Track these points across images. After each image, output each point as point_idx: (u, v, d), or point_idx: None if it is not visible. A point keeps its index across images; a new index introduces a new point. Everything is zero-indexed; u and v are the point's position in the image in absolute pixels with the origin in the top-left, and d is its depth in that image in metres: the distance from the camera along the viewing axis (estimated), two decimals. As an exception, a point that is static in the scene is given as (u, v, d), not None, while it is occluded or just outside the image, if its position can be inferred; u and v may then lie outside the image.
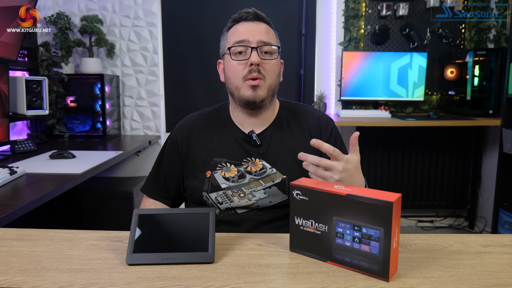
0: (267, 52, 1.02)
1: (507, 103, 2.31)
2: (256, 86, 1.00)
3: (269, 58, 1.02)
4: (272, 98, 1.06)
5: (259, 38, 1.00)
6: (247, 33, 1.01)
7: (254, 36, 1.00)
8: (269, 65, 1.01)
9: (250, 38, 1.00)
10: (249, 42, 1.00)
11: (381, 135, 2.94)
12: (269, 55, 1.02)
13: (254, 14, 1.04)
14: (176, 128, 1.16)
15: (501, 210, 2.39)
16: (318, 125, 1.10)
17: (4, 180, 1.38)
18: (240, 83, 1.02)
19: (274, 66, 1.03)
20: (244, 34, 1.01)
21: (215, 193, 1.04)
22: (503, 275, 0.67)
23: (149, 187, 1.16)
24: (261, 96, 1.01)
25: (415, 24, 2.83)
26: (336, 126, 1.13)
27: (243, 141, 1.07)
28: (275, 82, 1.04)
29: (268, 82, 1.02)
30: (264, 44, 1.01)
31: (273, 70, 1.03)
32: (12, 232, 0.85)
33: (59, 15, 2.54)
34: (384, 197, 0.64)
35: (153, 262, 0.70)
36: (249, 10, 1.05)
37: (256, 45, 1.00)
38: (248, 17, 1.04)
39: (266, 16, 1.06)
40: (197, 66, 2.82)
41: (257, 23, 1.03)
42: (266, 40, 1.01)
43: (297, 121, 1.11)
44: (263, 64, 1.00)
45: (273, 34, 1.06)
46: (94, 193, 2.40)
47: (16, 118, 2.18)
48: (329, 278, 0.66)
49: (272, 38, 1.04)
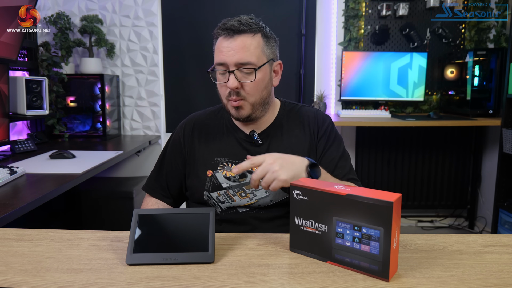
0: (247, 72, 0.97)
1: (507, 103, 2.31)
2: (238, 106, 1.00)
3: (247, 81, 0.98)
4: (263, 108, 1.05)
5: (236, 60, 0.95)
6: (225, 54, 0.96)
7: (231, 57, 0.95)
8: (248, 86, 0.98)
9: (227, 60, 0.96)
10: (227, 65, 0.97)
11: (381, 135, 2.94)
12: (249, 76, 0.98)
13: (230, 30, 0.96)
14: (179, 127, 1.16)
15: (501, 210, 2.39)
16: (316, 123, 1.11)
17: (4, 180, 1.38)
18: (225, 102, 1.03)
19: (255, 85, 0.99)
20: (223, 54, 0.97)
21: (216, 193, 1.04)
22: (503, 275, 0.67)
23: (151, 185, 1.16)
24: (244, 114, 1.01)
25: (415, 24, 2.83)
26: (333, 124, 1.14)
27: (244, 141, 1.08)
28: (260, 97, 1.01)
29: (251, 101, 1.00)
30: (242, 66, 0.96)
31: (255, 88, 0.99)
32: (12, 232, 0.85)
33: (59, 15, 2.54)
34: (384, 197, 0.64)
35: (153, 262, 0.70)
36: (226, 25, 0.97)
37: (233, 68, 0.96)
38: (225, 34, 0.97)
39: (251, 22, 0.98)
40: (197, 66, 2.82)
41: (237, 39, 0.96)
42: (244, 61, 0.96)
43: (297, 120, 1.11)
44: (243, 86, 0.98)
45: (257, 46, 0.97)
46: (94, 193, 2.40)
47: (16, 118, 2.18)
48: (329, 278, 0.66)
49: (253, 54, 0.97)
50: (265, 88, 1.02)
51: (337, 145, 1.09)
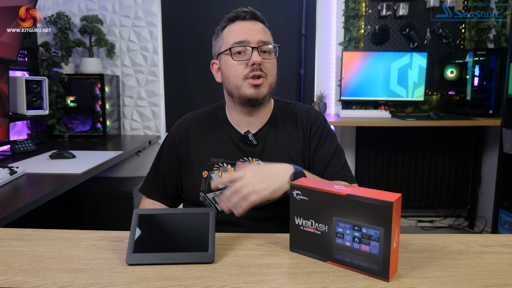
0: (265, 52, 1.03)
1: (507, 103, 2.31)
2: (258, 85, 1.01)
3: (268, 58, 1.03)
4: (270, 96, 1.08)
5: (258, 38, 1.01)
6: (246, 33, 1.01)
7: (253, 36, 1.01)
8: (269, 64, 1.03)
9: (249, 38, 1.01)
10: (249, 42, 1.01)
11: (381, 135, 2.94)
12: (268, 55, 1.03)
13: (252, 14, 1.04)
14: (174, 127, 1.16)
15: (501, 210, 2.39)
16: (308, 120, 1.11)
17: (4, 180, 1.38)
18: (240, 82, 1.02)
19: (274, 65, 1.05)
20: (243, 34, 1.01)
21: (212, 193, 1.04)
22: (503, 275, 0.67)
23: (147, 187, 1.16)
24: (263, 93, 1.02)
25: (415, 24, 2.83)
26: (326, 121, 1.14)
27: (239, 142, 1.08)
28: (274, 80, 1.06)
29: (270, 80, 1.04)
30: (263, 44, 1.02)
31: (273, 68, 1.05)
32: (12, 232, 0.85)
33: (59, 15, 2.54)
34: (384, 197, 0.64)
35: (153, 262, 0.70)
36: (246, 9, 1.05)
37: (256, 45, 1.00)
38: (246, 16, 1.04)
39: (262, 16, 1.07)
40: (197, 66, 2.82)
41: (254, 22, 1.04)
42: (265, 40, 1.02)
43: (290, 119, 1.12)
44: (264, 63, 1.01)
45: (269, 34, 1.07)
46: (94, 193, 2.40)
47: (16, 118, 2.18)
48: (329, 278, 0.66)
49: (270, 38, 1.06)
50: (276, 73, 1.07)
51: (330, 142, 1.09)
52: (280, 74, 1.09)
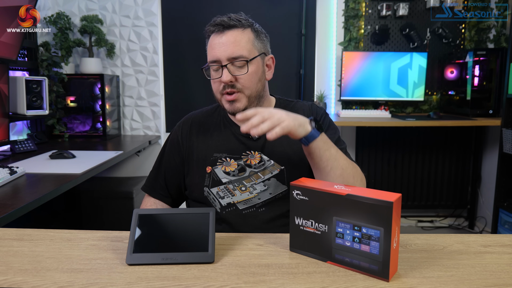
0: (240, 66, 1.00)
1: (507, 103, 2.31)
2: (233, 100, 1.01)
3: (240, 73, 1.00)
4: (259, 101, 1.07)
5: (228, 54, 0.98)
6: (217, 50, 1.00)
7: (223, 52, 0.99)
8: (242, 79, 1.00)
9: (220, 56, 0.99)
10: (220, 61, 1.00)
11: (381, 135, 2.94)
12: (242, 69, 1.00)
13: (221, 25, 1.00)
14: (177, 126, 1.18)
15: (501, 210, 2.39)
16: (310, 113, 1.12)
17: (4, 180, 1.38)
18: (219, 97, 1.05)
19: (249, 77, 1.01)
20: (215, 51, 1.00)
21: (216, 188, 1.05)
22: (503, 275, 0.67)
23: (150, 185, 1.17)
24: (239, 108, 1.02)
25: (415, 24, 2.83)
26: (327, 114, 1.15)
27: (241, 136, 1.09)
28: (256, 89, 1.03)
29: (247, 93, 1.02)
30: (234, 59, 0.99)
31: (249, 81, 1.01)
32: (12, 232, 0.85)
33: (59, 15, 2.54)
34: (384, 197, 0.64)
35: (153, 262, 0.70)
36: (216, 21, 1.01)
37: (226, 62, 0.99)
38: (216, 30, 1.01)
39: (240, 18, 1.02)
40: (197, 66, 2.82)
41: (227, 34, 1.00)
42: (236, 55, 0.99)
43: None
44: (237, 79, 1.00)
45: (247, 40, 1.01)
46: (94, 193, 2.40)
47: (16, 118, 2.18)
48: (329, 278, 0.66)
49: (245, 47, 1.00)
50: (259, 81, 1.04)
51: (332, 132, 1.09)
52: (280, 74, 1.09)
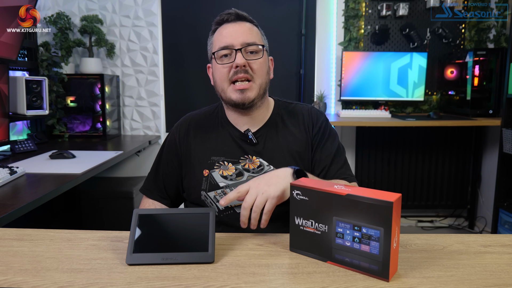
0: (252, 52, 1.02)
1: (507, 103, 2.31)
2: (244, 89, 1.00)
3: (254, 58, 1.01)
4: (263, 97, 1.07)
5: (242, 40, 1.00)
6: (230, 36, 1.01)
7: (237, 38, 1.00)
8: (256, 64, 1.01)
9: (233, 42, 1.00)
10: (233, 45, 1.00)
11: (381, 135, 2.94)
12: (254, 55, 1.02)
13: (235, 15, 1.03)
14: (174, 127, 1.16)
15: (501, 210, 2.39)
16: (310, 119, 1.11)
17: (4, 180, 1.38)
18: (226, 86, 1.03)
19: (262, 65, 1.03)
20: (227, 37, 1.01)
21: (213, 192, 1.04)
22: (503, 275, 0.67)
23: (148, 187, 1.16)
24: (249, 98, 1.01)
25: (415, 24, 2.83)
26: (328, 120, 1.14)
27: (239, 140, 1.08)
28: (265, 81, 1.05)
29: (258, 82, 1.02)
30: (248, 45, 1.00)
31: (261, 68, 1.03)
32: (12, 232, 0.85)
33: (59, 15, 2.54)
34: (384, 197, 0.64)
35: (153, 262, 0.70)
36: (230, 11, 1.04)
37: (240, 47, 1.00)
38: (229, 19, 1.03)
39: (248, 15, 1.06)
40: (197, 66, 2.82)
41: (239, 23, 1.03)
42: (249, 41, 1.01)
43: (292, 118, 1.12)
44: (250, 64, 1.01)
45: (257, 32, 1.05)
46: (94, 193, 2.40)
47: (16, 118, 2.18)
48: (329, 278, 0.66)
49: (256, 37, 1.03)
50: (267, 73, 1.06)
51: (332, 141, 1.09)
52: (280, 74, 1.10)
